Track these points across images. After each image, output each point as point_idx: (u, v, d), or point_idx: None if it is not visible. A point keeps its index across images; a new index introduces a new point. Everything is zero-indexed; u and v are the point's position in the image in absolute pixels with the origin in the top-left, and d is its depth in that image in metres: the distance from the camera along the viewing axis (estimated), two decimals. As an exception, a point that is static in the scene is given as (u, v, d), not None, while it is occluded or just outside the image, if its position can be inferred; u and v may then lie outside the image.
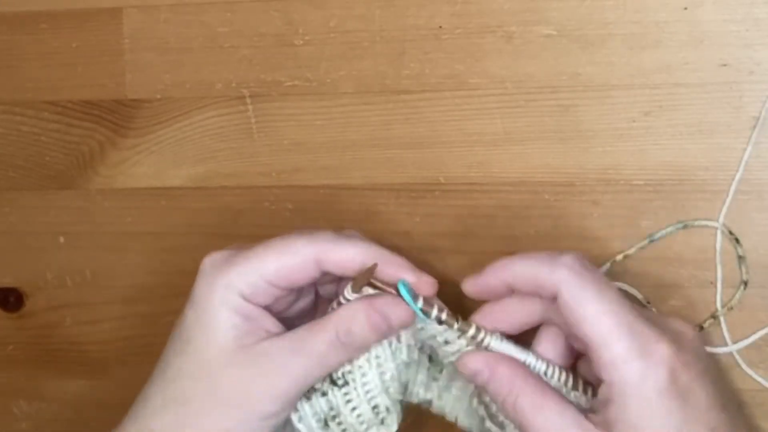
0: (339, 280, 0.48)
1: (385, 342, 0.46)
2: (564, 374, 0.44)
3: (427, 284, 0.45)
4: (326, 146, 0.53)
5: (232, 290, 0.44)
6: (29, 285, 0.58)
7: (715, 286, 0.50)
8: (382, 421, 0.46)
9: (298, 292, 0.48)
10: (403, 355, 0.46)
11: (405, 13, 0.51)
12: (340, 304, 0.45)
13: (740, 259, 0.49)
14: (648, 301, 0.50)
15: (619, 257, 0.50)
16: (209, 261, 0.45)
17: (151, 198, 0.55)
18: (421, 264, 0.46)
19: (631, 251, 0.50)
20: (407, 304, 0.44)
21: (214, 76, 0.54)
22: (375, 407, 0.46)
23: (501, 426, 0.46)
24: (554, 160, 0.50)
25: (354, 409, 0.46)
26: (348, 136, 0.53)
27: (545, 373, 0.44)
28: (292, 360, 0.44)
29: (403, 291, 0.44)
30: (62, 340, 0.57)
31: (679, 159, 0.49)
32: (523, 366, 0.44)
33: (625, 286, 0.50)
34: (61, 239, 0.57)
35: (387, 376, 0.46)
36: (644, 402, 0.41)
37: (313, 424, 0.46)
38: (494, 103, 0.51)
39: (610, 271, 0.50)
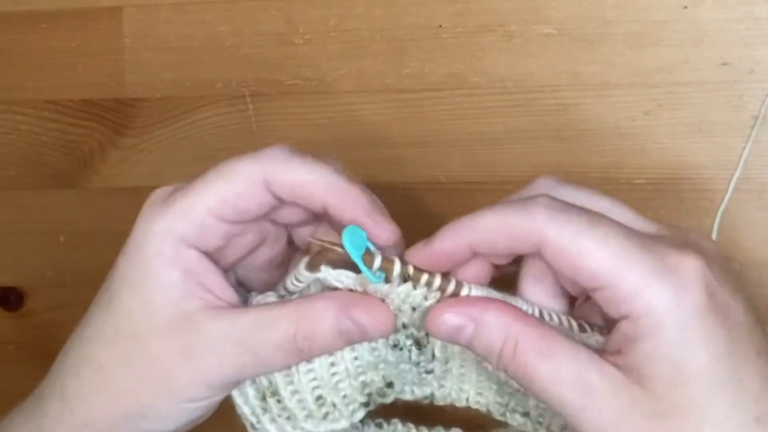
0: (317, 223, 0.42)
1: None
2: (566, 319, 0.37)
3: (385, 232, 0.37)
4: (326, 146, 0.53)
5: (170, 236, 0.37)
6: (29, 285, 0.57)
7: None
8: (326, 416, 0.40)
9: (258, 232, 0.41)
10: (365, 352, 0.40)
11: (405, 12, 0.51)
12: (295, 283, 0.39)
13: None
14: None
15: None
16: (149, 202, 0.39)
17: (151, 197, 0.55)
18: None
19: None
20: (357, 263, 0.36)
21: (214, 75, 0.54)
22: (319, 398, 0.40)
23: None
24: (554, 159, 0.50)
25: (295, 392, 0.40)
26: (348, 136, 0.53)
27: (543, 318, 0.37)
28: (229, 351, 0.37)
29: (347, 243, 0.36)
30: (62, 340, 0.57)
31: (679, 158, 0.49)
32: (515, 306, 0.36)
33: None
34: (61, 239, 0.57)
35: (338, 369, 0.40)
36: (681, 327, 0.33)
37: (250, 393, 0.40)
38: (494, 102, 0.51)
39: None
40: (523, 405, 0.40)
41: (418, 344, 0.40)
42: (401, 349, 0.40)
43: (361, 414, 0.41)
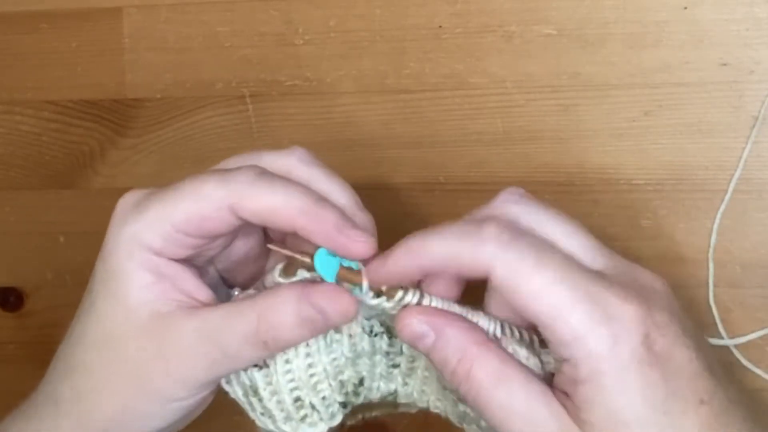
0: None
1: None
2: (527, 334, 0.38)
3: (357, 246, 0.36)
4: (326, 146, 0.53)
5: (139, 244, 0.37)
6: (29, 285, 0.58)
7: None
8: (303, 418, 0.40)
9: (231, 236, 0.41)
10: (344, 348, 0.40)
11: (405, 12, 0.51)
12: (273, 283, 0.39)
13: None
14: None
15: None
16: (121, 205, 0.39)
17: (151, 197, 0.55)
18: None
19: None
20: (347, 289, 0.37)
21: (214, 75, 0.54)
22: (297, 400, 0.40)
23: None
24: (554, 159, 0.50)
25: (273, 393, 0.40)
26: (348, 136, 0.53)
27: (504, 334, 0.37)
28: (200, 349, 0.37)
29: (318, 264, 0.37)
30: (62, 340, 0.57)
31: (679, 158, 0.49)
32: (477, 327, 0.37)
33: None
34: (61, 239, 0.57)
35: (317, 370, 0.40)
36: (618, 376, 0.34)
37: (239, 391, 0.40)
38: (494, 103, 0.51)
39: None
40: (478, 419, 0.40)
41: (390, 333, 0.41)
42: (376, 335, 0.41)
43: (340, 416, 0.41)
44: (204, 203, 0.37)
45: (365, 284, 0.37)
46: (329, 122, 0.53)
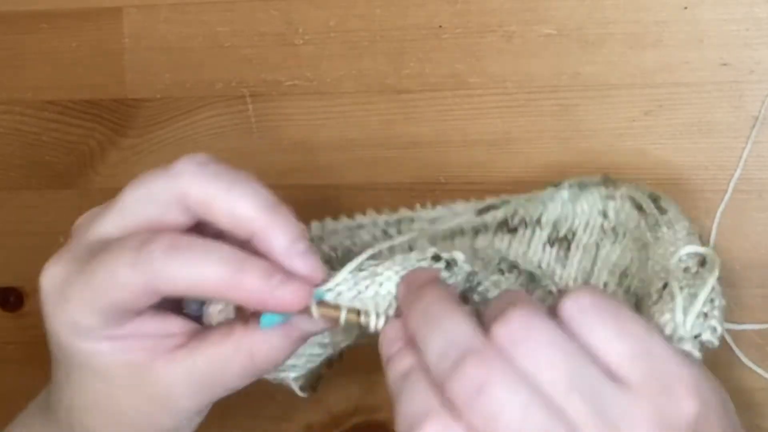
0: None
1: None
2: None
3: (284, 305, 0.35)
4: (326, 146, 0.53)
5: (80, 327, 0.36)
6: (29, 285, 0.57)
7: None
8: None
9: None
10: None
11: (405, 12, 0.51)
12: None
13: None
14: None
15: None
16: (45, 288, 0.37)
17: (151, 197, 0.55)
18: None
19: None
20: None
21: (214, 75, 0.54)
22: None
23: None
24: (554, 159, 0.50)
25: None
26: (348, 136, 0.53)
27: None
28: (194, 390, 0.38)
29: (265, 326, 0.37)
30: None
31: (679, 158, 0.49)
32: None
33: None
34: (61, 239, 0.56)
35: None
36: None
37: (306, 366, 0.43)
38: (494, 103, 0.51)
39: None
40: None
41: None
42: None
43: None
44: (121, 291, 0.35)
45: (314, 311, 0.36)
46: (329, 122, 0.53)
